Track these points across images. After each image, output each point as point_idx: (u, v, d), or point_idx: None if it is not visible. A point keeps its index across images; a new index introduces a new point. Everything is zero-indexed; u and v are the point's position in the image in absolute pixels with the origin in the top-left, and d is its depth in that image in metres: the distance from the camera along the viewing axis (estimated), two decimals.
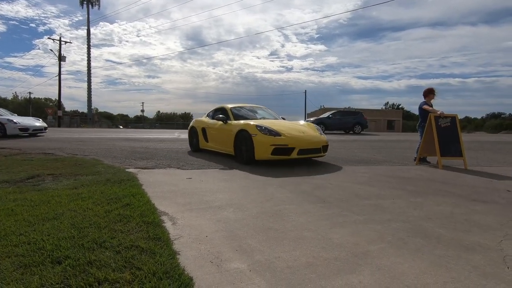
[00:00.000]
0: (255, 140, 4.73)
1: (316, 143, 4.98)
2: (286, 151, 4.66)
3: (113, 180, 3.44)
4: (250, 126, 4.97)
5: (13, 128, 10.16)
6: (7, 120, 10.30)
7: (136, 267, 1.48)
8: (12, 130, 10.16)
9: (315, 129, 5.54)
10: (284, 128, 5.01)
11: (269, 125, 5.00)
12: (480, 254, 1.74)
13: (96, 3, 29.84)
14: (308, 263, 1.61)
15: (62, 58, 28.71)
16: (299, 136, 4.89)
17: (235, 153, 5.31)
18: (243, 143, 5.03)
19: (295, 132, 5.03)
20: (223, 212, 2.46)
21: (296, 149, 4.67)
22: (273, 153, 4.62)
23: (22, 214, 2.21)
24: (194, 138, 6.92)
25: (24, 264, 1.49)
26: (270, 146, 4.61)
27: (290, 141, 4.69)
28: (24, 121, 10.88)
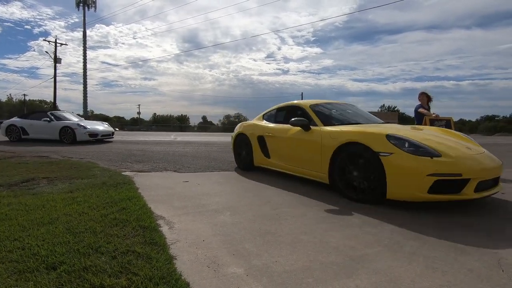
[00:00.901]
0: (390, 163, 2.65)
1: (496, 168, 2.80)
2: (456, 186, 2.55)
3: (109, 183, 3.42)
4: (374, 136, 2.85)
5: (83, 133, 9.18)
6: (77, 125, 9.31)
7: (133, 272, 1.47)
8: (81, 136, 9.17)
9: (473, 141, 3.38)
10: (441, 142, 2.86)
11: (412, 136, 2.84)
12: (476, 257, 1.75)
13: (92, 5, 29.74)
14: (305, 267, 1.61)
15: (57, 60, 28.50)
16: (470, 156, 2.75)
17: (331, 181, 3.23)
18: (359, 168, 2.93)
19: (460, 148, 2.86)
20: (220, 216, 2.46)
21: (473, 182, 2.56)
22: (433, 189, 2.51)
23: (16, 219, 2.19)
24: (244, 150, 4.90)
25: (19, 270, 1.47)
26: (427, 176, 2.50)
27: (462, 166, 2.56)
28: (93, 126, 9.85)
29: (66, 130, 9.24)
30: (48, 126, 9.50)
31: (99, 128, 9.99)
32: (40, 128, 9.60)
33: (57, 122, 9.56)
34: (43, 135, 9.62)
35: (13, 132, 9.81)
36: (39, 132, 9.64)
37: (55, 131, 9.40)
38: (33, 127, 9.67)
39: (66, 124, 9.40)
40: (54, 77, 28.39)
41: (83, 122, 9.90)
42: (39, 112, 10.59)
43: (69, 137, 9.21)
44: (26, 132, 9.69)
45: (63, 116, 10.24)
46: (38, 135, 9.67)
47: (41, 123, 9.56)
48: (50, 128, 9.47)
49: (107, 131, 10.29)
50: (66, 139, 9.22)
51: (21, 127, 9.71)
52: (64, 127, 9.30)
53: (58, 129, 9.35)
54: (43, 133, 9.60)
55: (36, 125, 9.65)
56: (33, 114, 10.25)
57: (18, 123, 9.88)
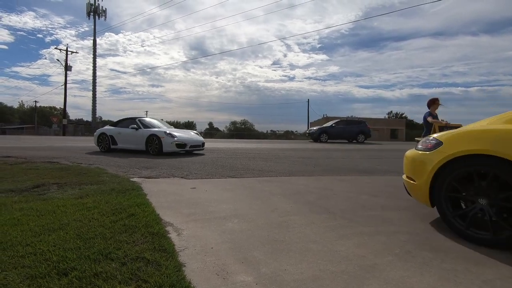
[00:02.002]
0: None
1: None
2: None
3: (117, 189, 3.45)
4: None
5: (169, 143, 8.06)
6: (164, 133, 8.18)
7: (142, 279, 1.48)
8: (168, 146, 8.06)
9: None
10: None
11: None
12: (490, 268, 1.71)
13: (102, 14, 30.48)
14: (315, 276, 1.60)
15: (68, 67, 29.17)
16: None
17: None
18: None
19: None
20: (228, 223, 2.45)
21: None
22: None
23: (28, 224, 2.22)
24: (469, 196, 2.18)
25: (31, 276, 1.49)
26: None
27: None
28: (182, 135, 8.65)
29: (153, 139, 8.20)
30: (135, 134, 8.67)
31: (188, 137, 8.71)
32: (127, 136, 8.85)
33: (144, 130, 8.60)
34: (130, 145, 8.83)
35: (103, 141, 9.19)
36: (127, 141, 8.89)
37: (142, 140, 8.45)
38: (121, 136, 8.96)
39: (153, 132, 8.33)
40: (64, 84, 29.02)
41: (172, 130, 8.76)
42: (128, 119, 9.42)
43: (155, 148, 8.15)
44: (114, 142, 9.03)
45: (151, 124, 9.28)
46: (126, 144, 8.92)
47: (128, 132, 8.83)
48: (137, 137, 8.61)
49: (197, 141, 8.92)
50: (152, 150, 8.20)
51: (110, 136, 9.05)
52: (150, 136, 8.27)
53: (145, 138, 8.36)
54: (130, 142, 8.82)
55: (124, 133, 8.94)
56: (122, 122, 9.46)
57: (108, 131, 9.22)
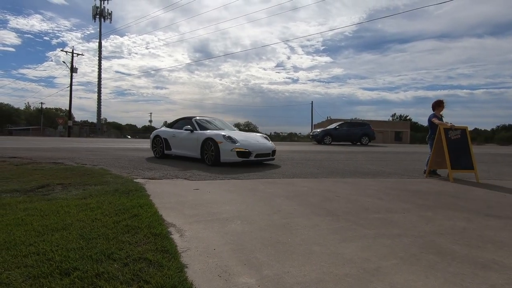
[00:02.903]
0: None
1: None
2: None
3: (121, 190, 3.46)
4: None
5: (229, 150, 6.03)
6: (222, 137, 6.16)
7: (144, 280, 1.47)
8: (227, 154, 6.04)
9: None
10: None
11: None
12: (497, 272, 1.68)
13: (108, 17, 30.80)
14: (318, 279, 1.58)
15: (73, 69, 29.49)
16: None
17: None
18: None
19: None
20: (231, 225, 2.44)
21: None
22: None
23: (31, 224, 2.23)
24: None
25: (33, 275, 1.49)
26: None
27: None
28: (246, 140, 6.46)
29: (208, 145, 6.32)
30: (189, 138, 6.98)
31: (254, 143, 6.44)
32: (182, 140, 7.19)
33: (200, 133, 6.78)
34: (184, 151, 7.15)
35: (157, 145, 7.77)
36: (181, 146, 7.24)
37: (197, 145, 6.65)
38: (176, 139, 7.39)
39: (209, 135, 6.42)
40: (70, 86, 29.33)
41: (233, 133, 6.66)
42: (183, 119, 7.81)
43: (211, 156, 6.22)
44: (168, 146, 7.51)
45: (209, 124, 7.44)
46: (180, 150, 7.28)
47: (183, 135, 7.17)
48: (192, 141, 6.88)
49: (265, 147, 6.50)
50: (208, 159, 6.31)
51: (164, 139, 7.58)
52: (206, 140, 6.41)
53: (200, 143, 6.55)
54: (185, 147, 7.13)
55: (178, 137, 7.33)
56: (178, 122, 7.91)
57: (163, 133, 7.76)
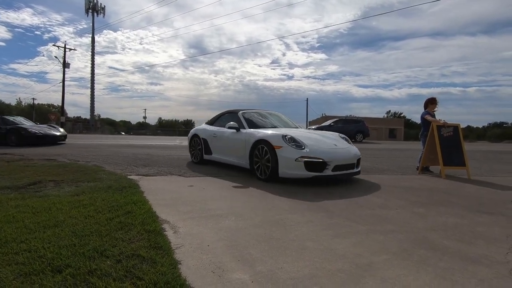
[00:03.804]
0: None
1: None
2: None
3: (114, 187, 3.44)
4: None
5: (293, 160, 3.93)
6: (281, 139, 4.13)
7: (137, 276, 1.46)
8: (289, 166, 3.97)
9: None
10: None
11: None
12: (487, 267, 1.71)
13: (101, 11, 30.36)
14: (311, 274, 1.59)
15: (66, 65, 29.04)
16: None
17: None
18: None
19: None
20: (225, 221, 2.45)
21: None
22: None
23: (23, 221, 2.20)
24: None
25: (24, 273, 1.48)
26: None
27: None
28: (317, 144, 4.25)
29: (261, 150, 4.34)
30: (234, 139, 5.04)
31: (330, 148, 4.29)
32: (224, 143, 5.35)
33: (249, 132, 4.81)
34: (227, 157, 5.27)
35: (195, 147, 6.09)
36: (223, 150, 5.39)
37: (244, 150, 4.72)
38: (217, 140, 5.57)
39: (262, 136, 4.42)
40: (62, 81, 28.90)
41: (297, 133, 4.48)
42: (228, 113, 5.84)
43: (265, 166, 4.24)
44: (208, 149, 5.76)
45: (261, 120, 5.47)
46: (222, 155, 5.43)
47: (226, 134, 5.29)
48: (238, 144, 4.93)
49: (347, 156, 4.31)
50: (261, 171, 4.33)
51: (203, 140, 5.85)
52: (257, 143, 4.42)
53: (249, 147, 4.58)
54: (228, 152, 5.26)
55: (220, 137, 5.48)
56: (220, 117, 6.02)
57: (202, 132, 5.99)
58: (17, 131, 9.52)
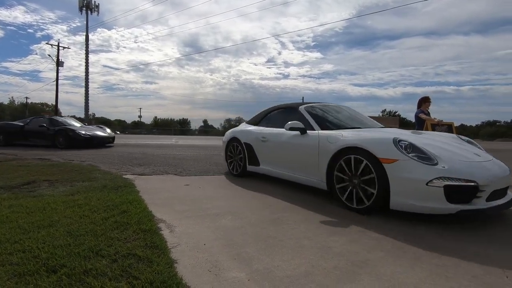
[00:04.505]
0: None
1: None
2: None
3: (110, 186, 3.41)
4: None
5: (422, 183, 2.27)
6: (398, 148, 2.44)
7: (133, 276, 1.46)
8: (413, 194, 2.33)
9: None
10: None
11: None
12: (481, 264, 1.73)
13: (95, 9, 30.03)
14: (307, 272, 1.60)
15: (59, 63, 28.69)
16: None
17: None
18: None
19: None
20: (221, 220, 2.45)
21: None
22: None
23: (17, 221, 2.18)
24: None
25: (19, 273, 1.46)
26: None
27: None
28: (455, 154, 2.60)
29: (355, 164, 2.68)
30: (298, 145, 3.44)
31: (478, 163, 2.58)
32: (280, 149, 3.77)
33: (325, 136, 3.12)
34: (286, 171, 3.65)
35: (235, 154, 4.59)
36: (281, 160, 3.77)
37: (319, 161, 3.08)
38: (268, 146, 3.99)
39: (356, 143, 2.69)
40: (56, 80, 28.57)
41: (411, 137, 2.75)
42: (281, 109, 4.34)
43: (361, 190, 2.61)
44: (254, 158, 4.19)
45: (336, 118, 3.84)
46: (279, 168, 3.79)
47: (283, 137, 3.72)
48: (306, 152, 3.30)
49: (502, 174, 2.55)
50: (350, 198, 2.73)
51: (247, 146, 4.32)
52: (347, 151, 2.76)
53: (328, 157, 2.93)
54: (286, 164, 3.66)
55: (273, 141, 3.91)
56: (269, 114, 4.50)
57: (244, 135, 4.46)
58: (65, 132, 8.92)
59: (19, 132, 9.57)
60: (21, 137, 9.58)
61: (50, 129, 9.24)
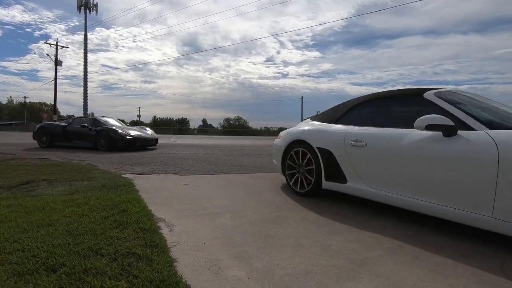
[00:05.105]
0: None
1: None
2: None
3: (109, 186, 3.41)
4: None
5: None
6: None
7: (133, 275, 1.46)
8: None
9: None
10: None
11: None
12: (479, 261, 1.74)
13: (93, 8, 29.92)
14: (307, 270, 1.60)
15: (58, 62, 28.61)
16: None
17: None
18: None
19: None
20: (221, 219, 2.45)
21: None
22: None
23: (16, 221, 2.18)
24: None
25: (18, 272, 1.46)
26: None
27: None
28: None
29: None
30: (439, 157, 2.06)
31: None
32: (393, 160, 2.35)
33: (499, 138, 1.79)
34: (411, 195, 2.23)
35: (298, 164, 3.31)
36: (393, 177, 2.35)
37: (498, 195, 1.74)
38: (365, 156, 2.59)
39: None
40: (54, 79, 28.49)
41: None
42: (382, 99, 2.87)
43: None
44: (336, 171, 2.84)
45: (497, 110, 2.33)
46: (387, 189, 2.40)
47: (403, 142, 2.29)
48: (455, 172, 1.97)
49: None
50: None
51: (322, 152, 2.98)
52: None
53: None
54: (414, 185, 2.21)
55: (376, 148, 2.51)
56: (359, 106, 3.03)
57: (317, 136, 3.14)
58: (106, 133, 8.42)
59: (62, 133, 9.10)
60: (64, 138, 9.09)
61: (92, 130, 8.76)
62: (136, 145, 8.77)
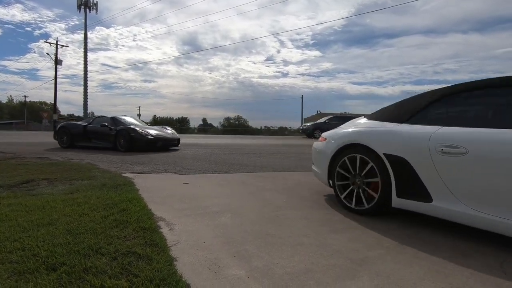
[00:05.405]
0: None
1: None
2: None
3: (109, 185, 3.41)
4: None
5: None
6: None
7: (133, 274, 1.46)
8: None
9: None
10: None
11: None
12: (478, 260, 1.74)
13: (93, 7, 29.91)
14: (306, 269, 1.60)
15: (58, 61, 28.61)
16: None
17: None
18: None
19: None
20: (221, 218, 2.45)
21: None
22: None
23: (16, 220, 2.18)
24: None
25: (18, 271, 1.47)
26: None
27: None
28: None
29: None
30: None
31: None
32: None
33: None
34: None
35: (354, 174, 2.59)
36: None
37: None
38: (470, 168, 1.88)
39: None
40: (54, 78, 28.49)
41: None
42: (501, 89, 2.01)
43: None
44: (415, 186, 2.16)
45: None
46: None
47: None
48: None
49: None
50: None
51: (392, 159, 2.28)
52: None
53: None
54: None
55: (496, 157, 1.77)
56: (457, 94, 2.24)
57: (385, 140, 2.38)
58: (126, 132, 7.94)
59: (83, 133, 8.79)
60: (84, 138, 8.77)
61: (112, 129, 8.34)
62: (157, 146, 8.24)
